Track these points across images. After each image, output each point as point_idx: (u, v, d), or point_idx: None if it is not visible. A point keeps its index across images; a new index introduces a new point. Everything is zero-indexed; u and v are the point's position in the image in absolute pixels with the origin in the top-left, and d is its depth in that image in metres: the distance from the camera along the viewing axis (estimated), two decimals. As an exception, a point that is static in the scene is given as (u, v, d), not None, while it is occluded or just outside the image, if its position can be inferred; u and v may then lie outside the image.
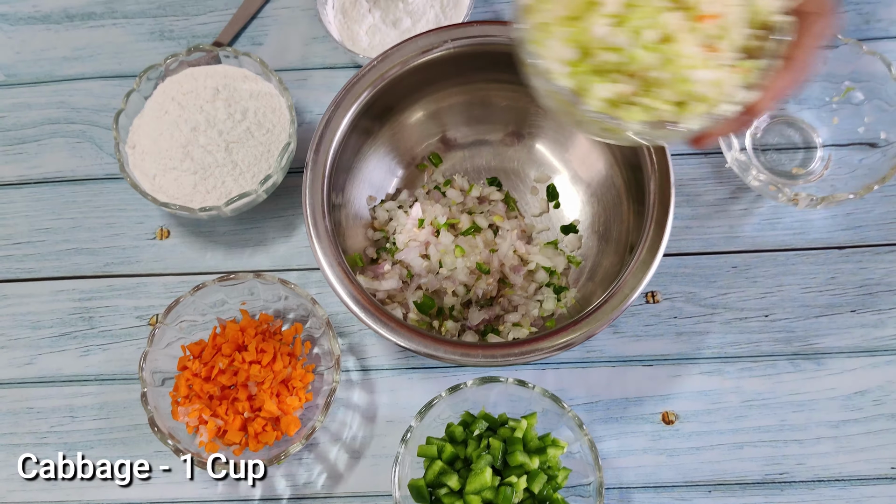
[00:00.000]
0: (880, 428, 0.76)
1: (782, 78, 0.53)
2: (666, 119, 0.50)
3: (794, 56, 0.53)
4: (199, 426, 0.74)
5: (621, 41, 0.48)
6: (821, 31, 0.54)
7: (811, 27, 0.53)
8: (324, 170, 0.73)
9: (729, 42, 0.50)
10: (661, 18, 0.47)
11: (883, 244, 0.82)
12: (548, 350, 0.67)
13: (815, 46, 0.54)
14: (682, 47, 0.48)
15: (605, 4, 0.48)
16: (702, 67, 0.49)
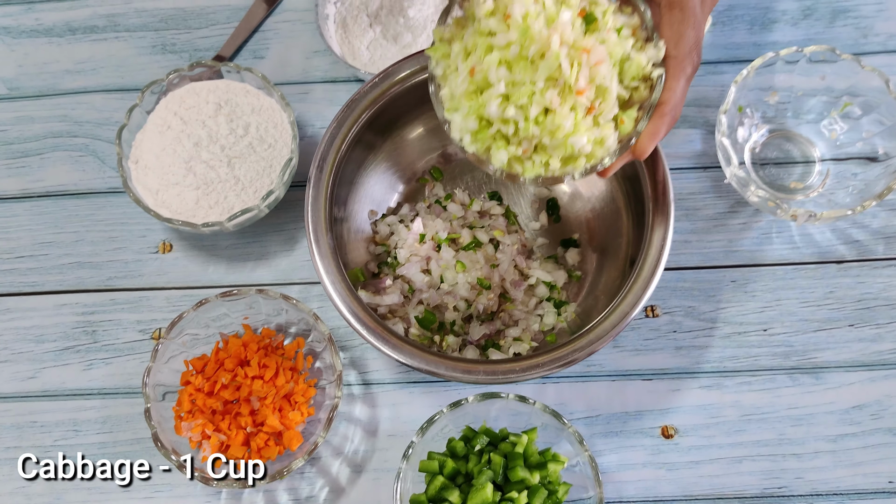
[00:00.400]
0: (878, 442, 0.77)
1: (657, 121, 0.60)
2: (556, 173, 0.60)
3: (665, 100, 0.60)
4: (202, 441, 0.75)
5: (511, 115, 0.57)
6: (685, 74, 0.60)
7: (675, 72, 0.59)
8: (326, 186, 0.73)
9: (607, 102, 0.58)
10: (543, 96, 0.56)
11: (881, 258, 0.82)
12: (549, 367, 0.67)
13: (682, 89, 0.60)
14: (561, 119, 0.56)
15: (495, 86, 0.57)
16: (581, 133, 0.57)
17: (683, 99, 0.61)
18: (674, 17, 0.59)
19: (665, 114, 0.60)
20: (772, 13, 0.90)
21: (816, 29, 0.90)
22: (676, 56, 0.59)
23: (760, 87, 0.83)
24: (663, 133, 0.61)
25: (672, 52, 0.59)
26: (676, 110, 0.60)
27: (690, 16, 0.58)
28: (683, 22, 0.59)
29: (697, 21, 0.59)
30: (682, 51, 0.59)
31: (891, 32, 0.89)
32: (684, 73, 0.59)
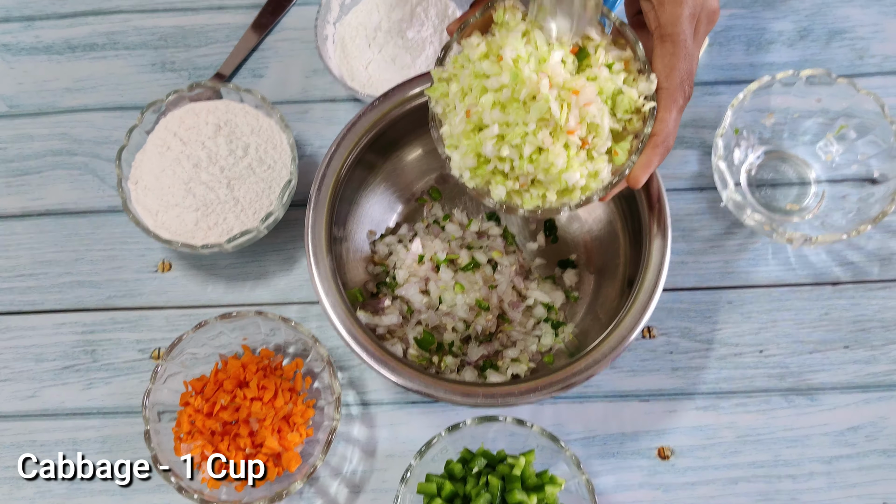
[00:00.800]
0: (873, 464, 0.77)
1: (650, 152, 0.61)
2: (553, 205, 0.62)
3: (657, 131, 0.61)
4: (202, 462, 0.75)
5: (507, 154, 0.60)
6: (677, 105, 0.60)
7: (667, 103, 0.60)
8: (326, 209, 0.74)
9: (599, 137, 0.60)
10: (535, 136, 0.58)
11: (876, 280, 0.83)
12: (548, 391, 0.68)
13: (674, 120, 0.61)
14: (554, 157, 0.58)
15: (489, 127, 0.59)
16: (574, 169, 0.59)
17: (676, 129, 0.61)
18: (665, 49, 0.59)
19: (657, 145, 0.61)
20: (768, 34, 0.91)
21: (812, 50, 0.90)
22: (668, 88, 0.60)
23: (757, 109, 0.84)
24: (656, 163, 0.61)
25: (664, 83, 0.60)
26: (669, 141, 0.61)
27: (682, 48, 0.59)
28: (675, 54, 0.59)
29: (689, 53, 0.59)
30: (673, 83, 0.60)
31: (887, 54, 0.90)
32: (676, 105, 0.60)
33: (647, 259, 0.72)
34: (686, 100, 0.61)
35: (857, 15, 0.91)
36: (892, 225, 0.84)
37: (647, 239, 0.73)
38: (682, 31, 0.59)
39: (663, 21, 0.59)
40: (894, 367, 0.80)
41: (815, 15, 0.92)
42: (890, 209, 0.77)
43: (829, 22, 0.91)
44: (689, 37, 0.59)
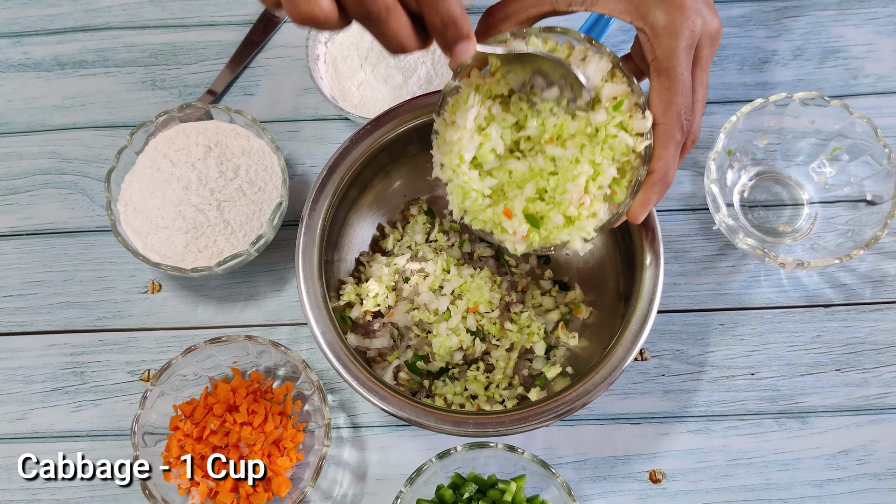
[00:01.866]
0: (863, 487, 0.77)
1: (647, 190, 0.61)
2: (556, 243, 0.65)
3: (654, 169, 0.60)
4: (191, 488, 0.75)
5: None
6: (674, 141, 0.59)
7: (664, 140, 0.59)
8: (317, 234, 0.73)
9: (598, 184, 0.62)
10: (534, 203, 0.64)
11: (867, 303, 0.83)
12: (540, 420, 0.68)
13: (671, 157, 0.60)
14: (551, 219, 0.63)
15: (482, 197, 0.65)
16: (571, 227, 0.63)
17: (675, 166, 0.60)
18: (661, 84, 0.58)
19: (655, 182, 0.60)
20: (762, 53, 0.91)
21: (806, 70, 0.90)
22: (665, 124, 0.59)
23: (750, 130, 0.83)
24: (655, 200, 0.61)
25: (660, 119, 0.59)
26: (667, 177, 0.60)
27: (678, 83, 0.58)
28: (671, 89, 0.58)
29: (686, 87, 0.58)
30: (670, 119, 0.59)
31: (880, 74, 0.89)
32: (673, 141, 0.59)
33: (639, 288, 0.72)
34: (686, 135, 0.60)
35: (850, 34, 0.91)
36: (885, 247, 0.84)
37: (639, 264, 0.73)
38: (679, 65, 0.58)
39: (659, 55, 0.58)
40: (886, 391, 0.80)
41: (809, 34, 0.91)
42: (882, 234, 0.76)
43: (823, 41, 0.91)
44: (685, 69, 0.58)
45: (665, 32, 0.58)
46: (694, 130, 0.61)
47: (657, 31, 0.58)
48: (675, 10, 0.58)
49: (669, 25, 0.58)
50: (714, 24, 0.60)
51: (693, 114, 0.60)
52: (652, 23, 0.58)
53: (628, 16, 0.59)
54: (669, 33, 0.58)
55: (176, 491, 0.75)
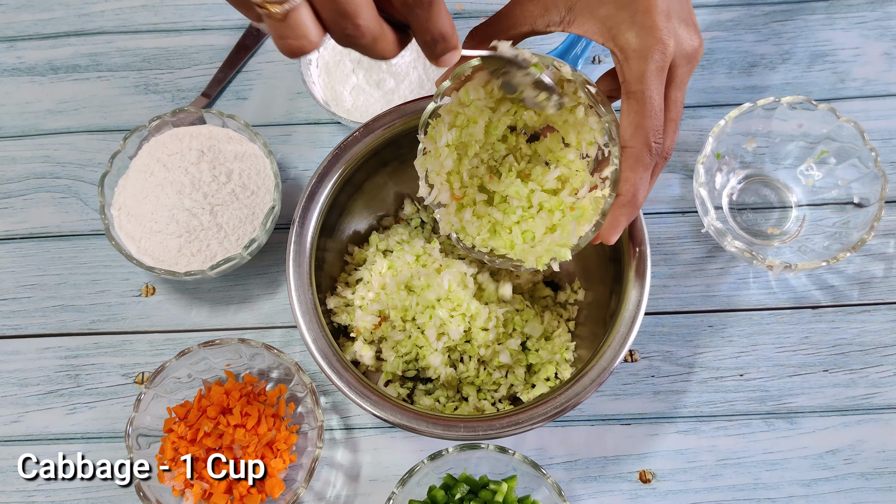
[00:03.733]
0: (851, 487, 0.78)
1: (615, 212, 0.61)
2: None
3: (621, 191, 0.60)
4: (185, 489, 0.75)
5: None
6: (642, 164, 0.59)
7: (630, 163, 0.59)
8: (308, 241, 0.74)
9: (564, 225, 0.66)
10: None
11: (855, 304, 0.84)
12: (530, 423, 0.68)
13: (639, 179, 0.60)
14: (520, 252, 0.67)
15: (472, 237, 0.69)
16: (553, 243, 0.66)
17: (644, 188, 0.60)
18: (630, 107, 0.58)
19: (623, 204, 0.60)
20: (750, 57, 0.92)
21: (794, 73, 0.91)
22: (633, 147, 0.58)
23: (739, 133, 0.84)
24: (624, 223, 0.61)
25: (628, 142, 0.59)
26: (635, 200, 0.60)
27: (646, 106, 0.57)
28: (639, 112, 0.58)
29: (656, 110, 0.58)
30: (638, 142, 0.58)
31: (867, 78, 0.90)
32: (641, 164, 0.59)
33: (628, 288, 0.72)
34: (655, 156, 0.59)
35: (838, 38, 0.92)
36: (871, 249, 0.85)
37: (627, 266, 0.73)
38: (647, 88, 0.57)
39: (628, 77, 0.58)
40: (873, 391, 0.81)
41: (797, 38, 0.92)
42: (869, 236, 0.77)
43: (811, 45, 0.92)
44: (655, 92, 0.57)
45: (635, 55, 0.57)
46: (666, 149, 0.61)
47: (627, 54, 0.58)
48: (646, 32, 0.57)
49: (640, 48, 0.57)
50: (691, 42, 0.60)
51: (665, 133, 0.60)
52: (622, 45, 0.58)
53: (601, 37, 0.59)
54: (639, 56, 0.57)
55: (170, 492, 0.76)
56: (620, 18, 0.58)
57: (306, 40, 0.46)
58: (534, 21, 0.62)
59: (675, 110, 0.61)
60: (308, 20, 0.46)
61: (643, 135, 0.58)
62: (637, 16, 0.57)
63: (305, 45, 0.46)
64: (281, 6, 0.45)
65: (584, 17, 0.60)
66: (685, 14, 0.60)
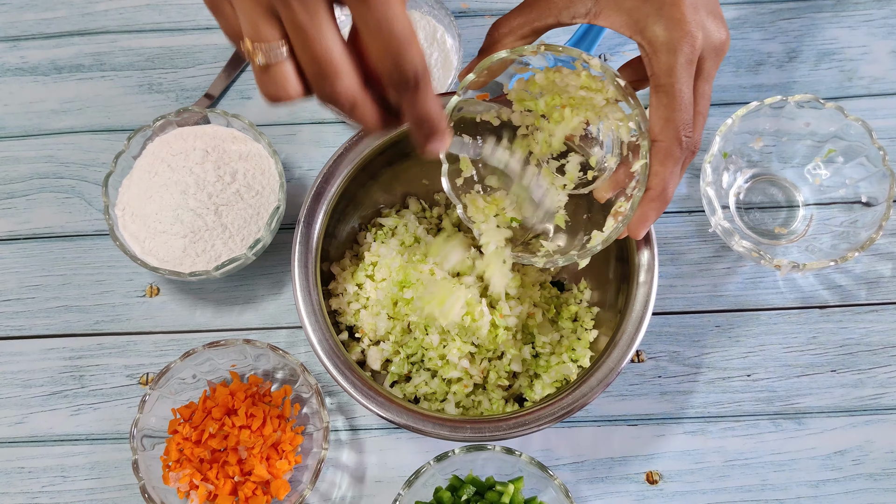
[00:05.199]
0: (859, 488, 0.78)
1: (644, 206, 0.60)
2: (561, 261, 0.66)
3: (650, 186, 0.60)
4: (190, 491, 0.75)
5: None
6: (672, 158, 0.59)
7: (660, 157, 0.59)
8: (313, 241, 0.74)
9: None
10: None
11: (863, 304, 0.83)
12: (536, 424, 0.68)
13: (669, 174, 0.59)
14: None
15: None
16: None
17: (675, 182, 0.60)
18: (660, 101, 0.58)
19: (653, 199, 0.60)
20: (757, 56, 0.91)
21: (801, 72, 0.90)
22: (663, 141, 0.58)
23: (746, 132, 0.84)
24: (653, 217, 0.60)
25: (658, 136, 0.58)
26: (665, 195, 0.60)
27: (676, 99, 0.57)
28: (669, 106, 0.57)
29: (686, 104, 0.57)
30: (668, 135, 0.58)
31: (875, 76, 0.90)
32: (671, 158, 0.58)
33: (635, 288, 0.72)
34: (685, 150, 0.59)
35: (845, 36, 0.91)
36: (880, 248, 0.84)
37: (635, 266, 0.73)
38: (677, 82, 0.57)
39: (657, 71, 0.57)
40: (881, 391, 0.80)
41: (804, 36, 0.92)
42: (877, 235, 0.77)
43: (818, 43, 0.91)
44: (685, 85, 0.57)
45: (664, 48, 0.57)
46: (694, 143, 0.60)
47: (656, 47, 0.57)
48: (674, 25, 0.57)
49: (668, 41, 0.57)
50: (719, 35, 0.59)
51: (694, 127, 0.60)
52: (651, 38, 0.57)
53: (628, 30, 0.59)
54: (668, 49, 0.57)
55: (175, 494, 0.75)
56: (647, 10, 0.57)
57: (285, 92, 0.47)
58: (559, 13, 0.61)
59: (703, 104, 0.60)
60: (289, 74, 0.46)
61: (673, 129, 0.58)
62: (665, 8, 0.57)
63: (283, 97, 0.47)
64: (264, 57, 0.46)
65: (610, 10, 0.59)
66: (712, 6, 0.60)
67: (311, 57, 0.45)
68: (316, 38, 0.45)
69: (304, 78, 0.47)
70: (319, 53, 0.45)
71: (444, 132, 0.51)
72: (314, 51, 0.45)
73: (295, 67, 0.46)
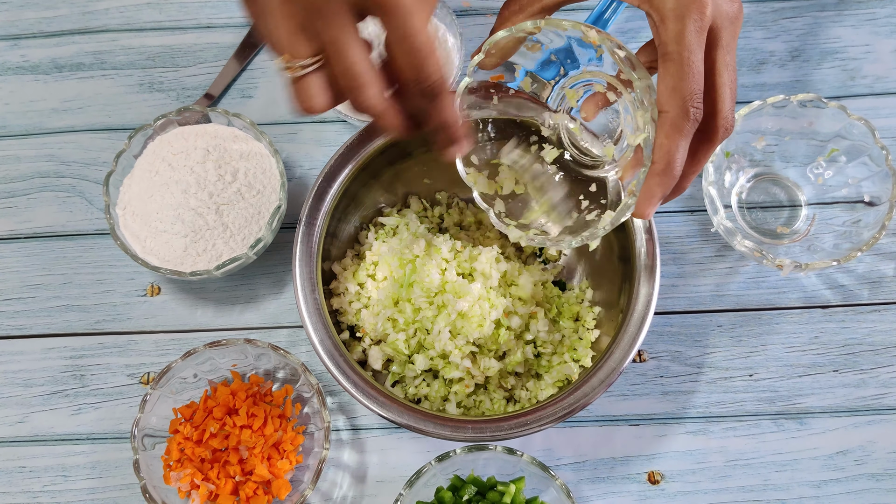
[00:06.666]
0: (861, 488, 0.78)
1: (648, 182, 0.57)
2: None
3: (654, 159, 0.56)
4: (191, 491, 0.75)
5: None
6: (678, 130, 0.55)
7: (665, 129, 0.56)
8: (314, 241, 0.74)
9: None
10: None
11: (865, 303, 0.83)
12: (538, 425, 0.68)
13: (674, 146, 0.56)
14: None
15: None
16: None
17: (682, 157, 0.56)
18: (667, 69, 0.55)
19: (656, 173, 0.56)
20: (760, 54, 0.91)
21: (804, 70, 0.90)
22: (668, 111, 0.55)
23: (748, 131, 0.84)
24: (660, 193, 0.57)
25: (664, 106, 0.55)
26: (671, 169, 0.56)
27: (685, 67, 0.54)
28: (676, 75, 0.55)
29: (695, 73, 0.54)
30: (674, 105, 0.55)
31: (878, 75, 0.90)
32: (677, 129, 0.55)
33: (637, 287, 0.72)
34: (692, 122, 0.55)
35: (848, 35, 0.91)
36: (882, 248, 0.84)
37: (636, 266, 0.73)
38: (685, 49, 0.54)
39: (664, 39, 0.55)
40: (883, 391, 0.80)
41: (807, 35, 0.91)
42: (880, 235, 0.77)
43: (821, 42, 0.91)
44: (694, 54, 0.54)
45: (672, 15, 0.55)
46: (726, 118, 0.58)
47: (664, 15, 0.55)
48: None
49: (676, 8, 0.55)
50: (731, 5, 0.57)
51: (721, 100, 0.57)
52: (659, 6, 0.56)
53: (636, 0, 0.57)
54: (676, 16, 0.55)
55: (176, 494, 0.75)
56: None
57: (316, 102, 0.52)
58: None
59: (729, 74, 0.57)
60: (319, 87, 0.52)
61: (680, 98, 0.55)
62: None
63: (314, 107, 0.53)
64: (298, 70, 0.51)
65: None
66: None
67: (342, 69, 0.51)
68: (346, 53, 0.50)
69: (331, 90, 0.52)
70: (349, 66, 0.50)
71: (461, 139, 0.55)
72: (345, 64, 0.50)
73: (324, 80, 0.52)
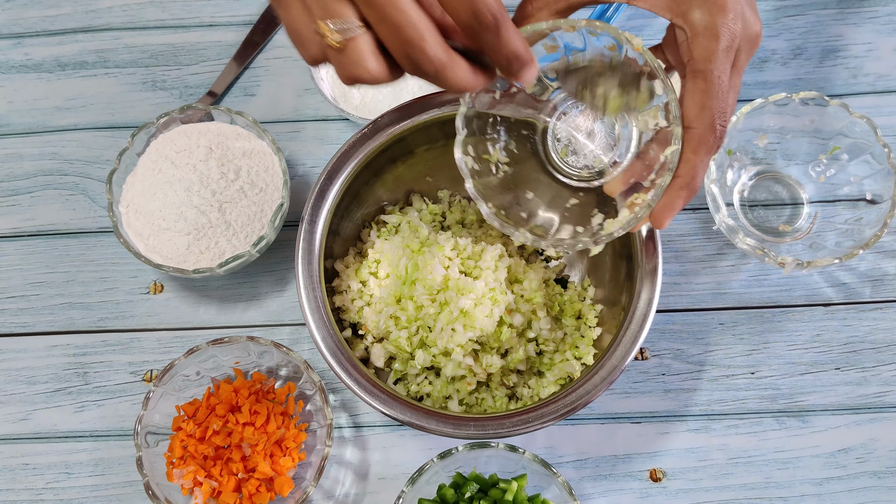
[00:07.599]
0: (863, 485, 0.78)
1: (672, 194, 0.58)
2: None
3: (680, 173, 0.57)
4: (194, 488, 0.75)
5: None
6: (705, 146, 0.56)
7: (693, 144, 0.56)
8: (317, 239, 0.73)
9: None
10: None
11: (867, 301, 0.83)
12: (539, 422, 0.68)
13: (700, 162, 0.57)
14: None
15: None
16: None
17: (703, 171, 0.58)
18: (696, 86, 0.55)
19: (681, 187, 0.57)
20: (762, 52, 0.91)
21: (806, 69, 0.90)
22: (697, 129, 0.56)
23: (750, 129, 0.84)
24: (680, 206, 0.58)
25: (693, 123, 0.56)
26: (694, 183, 0.57)
27: (714, 86, 0.55)
28: (706, 92, 0.55)
29: (722, 91, 0.55)
30: (703, 123, 0.56)
31: (880, 73, 0.90)
32: (704, 146, 0.56)
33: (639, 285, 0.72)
34: (718, 140, 0.57)
35: (850, 34, 0.91)
36: (884, 246, 0.84)
37: (638, 263, 0.73)
38: (716, 68, 0.55)
39: (696, 55, 0.55)
40: (885, 389, 0.80)
41: (809, 33, 0.91)
42: (882, 233, 0.77)
43: (823, 41, 0.91)
44: (723, 73, 0.55)
45: (705, 33, 0.55)
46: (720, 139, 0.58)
47: (696, 31, 0.56)
48: (717, 10, 0.55)
49: (710, 26, 0.55)
50: (755, 27, 0.58)
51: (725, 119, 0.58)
52: (692, 22, 0.56)
53: (669, 12, 0.57)
54: (709, 34, 0.55)
55: (179, 491, 0.76)
56: None
57: (364, 69, 0.45)
58: None
59: (734, 96, 0.58)
60: (367, 50, 0.45)
61: (709, 116, 0.55)
62: None
63: (363, 75, 0.46)
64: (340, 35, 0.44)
65: None
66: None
67: (391, 26, 0.44)
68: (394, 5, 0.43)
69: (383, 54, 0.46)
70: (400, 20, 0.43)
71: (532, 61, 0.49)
72: (394, 19, 0.43)
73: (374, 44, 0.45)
